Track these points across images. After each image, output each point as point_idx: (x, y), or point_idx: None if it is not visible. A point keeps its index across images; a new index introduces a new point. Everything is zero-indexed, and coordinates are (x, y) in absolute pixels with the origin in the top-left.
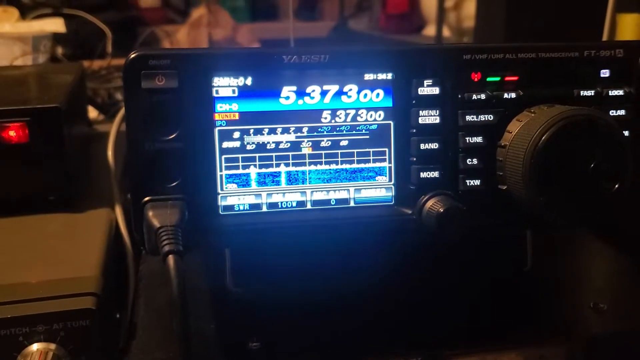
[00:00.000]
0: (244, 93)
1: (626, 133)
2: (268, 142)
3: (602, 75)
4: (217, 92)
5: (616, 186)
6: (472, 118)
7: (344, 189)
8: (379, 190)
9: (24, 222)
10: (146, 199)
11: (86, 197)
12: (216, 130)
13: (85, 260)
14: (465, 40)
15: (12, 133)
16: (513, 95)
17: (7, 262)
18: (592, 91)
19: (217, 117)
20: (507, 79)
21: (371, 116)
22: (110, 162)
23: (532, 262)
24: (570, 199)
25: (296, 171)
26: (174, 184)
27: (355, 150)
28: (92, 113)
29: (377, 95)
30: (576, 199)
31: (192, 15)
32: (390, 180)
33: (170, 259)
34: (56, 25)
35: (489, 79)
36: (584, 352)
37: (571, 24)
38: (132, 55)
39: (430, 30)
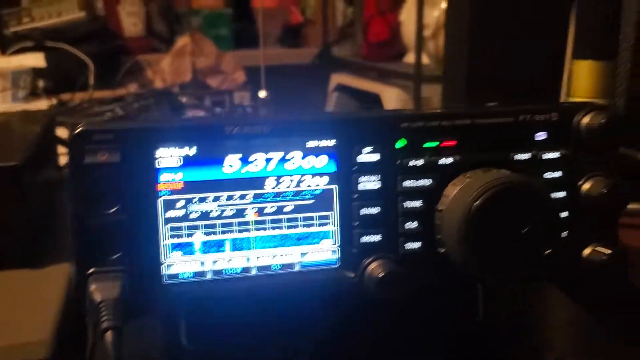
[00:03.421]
0: (188, 162)
1: (563, 194)
2: (212, 210)
3: (537, 139)
4: (160, 163)
5: (549, 249)
6: (411, 183)
7: (289, 254)
8: (324, 253)
9: None
10: (89, 271)
11: (49, 251)
12: (160, 200)
13: (38, 322)
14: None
15: None
16: (450, 160)
17: None
18: (529, 154)
19: (160, 187)
20: (444, 144)
21: (315, 181)
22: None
23: (484, 312)
24: (504, 261)
25: (241, 238)
26: (115, 256)
27: (300, 215)
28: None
29: (321, 160)
30: (510, 261)
31: (175, 45)
32: (335, 243)
33: (108, 335)
34: (36, 60)
35: (426, 145)
36: None
37: (532, 62)
38: (77, 130)
39: (410, 58)
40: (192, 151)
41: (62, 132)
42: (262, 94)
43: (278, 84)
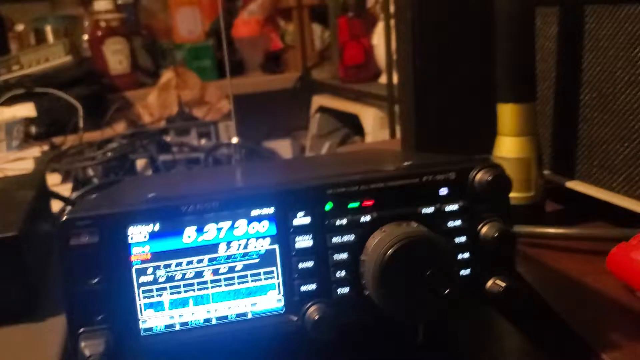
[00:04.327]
0: (154, 236)
1: (464, 238)
2: (176, 274)
3: (440, 194)
4: (132, 238)
5: (447, 291)
6: (338, 239)
7: (242, 305)
8: (271, 302)
9: None
10: (79, 331)
11: (46, 304)
12: (133, 269)
13: None
14: None
15: None
16: (369, 217)
17: None
18: (433, 207)
19: (133, 258)
20: (364, 204)
21: (259, 243)
22: None
23: (423, 334)
24: (412, 301)
25: (201, 295)
26: (100, 317)
27: (248, 272)
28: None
29: (263, 226)
30: (417, 301)
31: (160, 79)
32: (279, 293)
33: None
34: (27, 110)
35: (349, 206)
36: None
37: (470, 99)
38: (63, 219)
39: (385, 78)
40: (156, 227)
41: (55, 178)
42: (234, 140)
43: (263, 109)
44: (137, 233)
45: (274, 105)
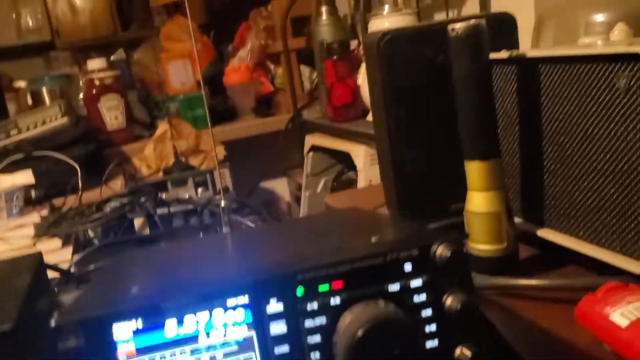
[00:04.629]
0: (137, 332)
1: (429, 311)
2: None
3: (405, 270)
4: (116, 337)
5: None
6: (311, 323)
7: None
8: None
9: None
10: None
11: None
12: None
13: None
14: None
15: None
16: (339, 299)
17: None
18: (398, 284)
19: (119, 355)
20: (333, 287)
21: (237, 331)
22: None
23: None
24: None
25: None
26: None
27: (229, 359)
28: None
29: (239, 314)
30: None
31: (156, 132)
32: None
33: None
34: (26, 177)
35: (320, 290)
36: None
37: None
38: (53, 325)
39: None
40: (138, 324)
41: (56, 243)
42: (223, 203)
43: (257, 152)
44: (121, 331)
45: (268, 147)
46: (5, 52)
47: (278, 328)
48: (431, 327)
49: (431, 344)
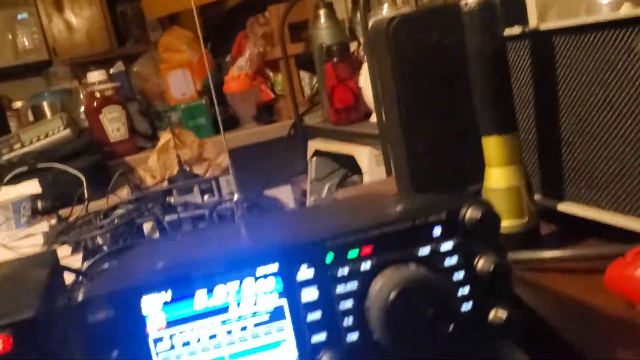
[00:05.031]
0: (167, 305)
1: (462, 274)
2: (192, 338)
3: (434, 234)
4: (146, 310)
5: (451, 326)
6: (342, 289)
7: None
8: (285, 355)
9: None
10: None
11: None
12: (150, 339)
13: None
14: None
15: None
16: (369, 264)
17: None
18: (429, 247)
19: (148, 329)
20: (363, 252)
21: (268, 299)
22: None
23: None
24: (418, 342)
25: (217, 356)
26: None
27: (260, 329)
28: None
29: (270, 282)
30: (423, 341)
31: (159, 142)
32: (292, 345)
33: None
34: (32, 187)
35: (349, 256)
36: None
37: (458, 135)
38: (78, 301)
39: (375, 117)
40: (168, 296)
41: (65, 250)
42: (235, 197)
43: (260, 160)
44: (151, 303)
45: (271, 154)
46: (4, 73)
47: (309, 295)
48: (464, 291)
49: (464, 307)
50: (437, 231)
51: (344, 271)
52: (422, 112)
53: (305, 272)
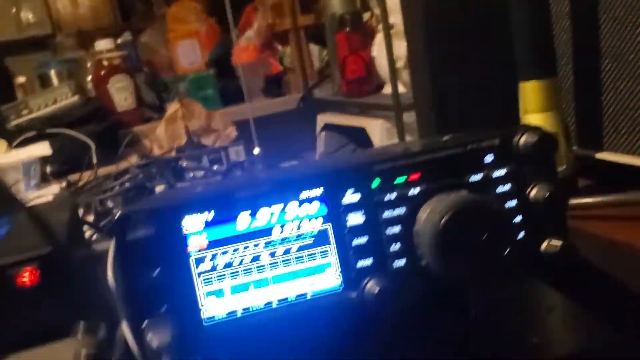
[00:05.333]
0: (209, 225)
1: (514, 202)
2: (234, 260)
3: (486, 161)
4: (187, 229)
5: (506, 249)
6: (389, 214)
7: (301, 285)
8: (329, 281)
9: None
10: (143, 325)
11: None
12: (191, 259)
13: None
14: None
15: (25, 278)
16: (418, 189)
17: None
18: (480, 174)
19: (190, 249)
20: (410, 178)
21: (312, 223)
22: (110, 281)
23: (475, 312)
24: (471, 267)
25: (260, 279)
26: (163, 309)
27: (304, 253)
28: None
29: (314, 206)
30: (476, 264)
31: (167, 112)
32: (337, 271)
33: None
34: (42, 149)
35: (396, 182)
36: None
37: (490, 86)
38: (117, 215)
39: (388, 89)
40: (210, 216)
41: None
42: (256, 150)
43: (268, 133)
44: (193, 223)
45: (279, 128)
46: (8, 47)
47: (355, 219)
48: (516, 219)
49: (517, 236)
50: (489, 158)
51: (391, 196)
52: (451, 57)
53: (350, 197)
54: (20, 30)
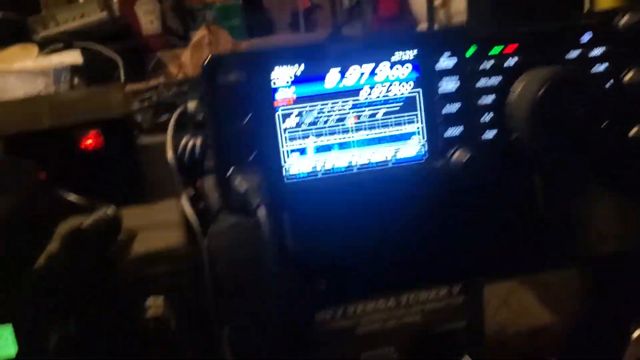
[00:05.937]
0: (297, 80)
1: (609, 84)
2: (320, 118)
3: (584, 40)
4: (275, 82)
5: (601, 125)
6: (483, 83)
7: (384, 151)
8: (413, 149)
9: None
10: (231, 170)
11: (153, 191)
12: (278, 113)
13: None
14: None
15: (89, 141)
16: (513, 61)
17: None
18: (577, 52)
19: (277, 103)
20: (506, 50)
21: (402, 88)
22: (170, 159)
23: (544, 207)
24: (566, 137)
25: (343, 141)
26: (251, 157)
27: (391, 117)
28: None
29: (406, 68)
30: (571, 137)
31: (193, 38)
32: (422, 139)
33: (261, 209)
34: (74, 57)
35: (491, 52)
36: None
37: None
38: (207, 59)
39: (422, 28)
40: (300, 70)
41: None
42: None
43: None
44: (281, 76)
45: None
46: None
47: (448, 85)
48: (609, 101)
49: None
50: (587, 37)
51: (486, 65)
52: None
53: (445, 62)
54: None
